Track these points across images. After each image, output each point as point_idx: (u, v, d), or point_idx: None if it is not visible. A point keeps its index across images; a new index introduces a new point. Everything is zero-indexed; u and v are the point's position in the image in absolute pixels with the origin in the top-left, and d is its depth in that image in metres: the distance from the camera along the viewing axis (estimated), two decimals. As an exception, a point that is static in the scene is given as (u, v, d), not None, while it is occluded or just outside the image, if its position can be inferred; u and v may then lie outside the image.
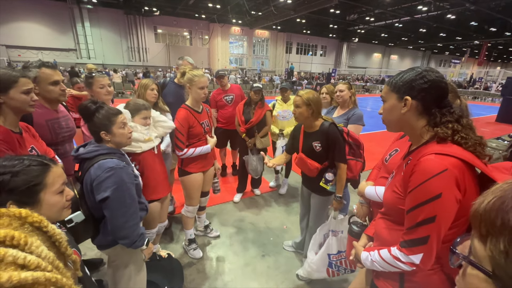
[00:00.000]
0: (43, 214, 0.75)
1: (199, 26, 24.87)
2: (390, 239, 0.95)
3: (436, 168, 0.77)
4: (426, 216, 0.79)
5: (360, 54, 34.90)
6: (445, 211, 0.77)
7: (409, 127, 0.91)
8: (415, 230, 0.82)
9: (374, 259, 0.95)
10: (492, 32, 22.60)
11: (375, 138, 6.32)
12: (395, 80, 0.90)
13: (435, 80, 0.83)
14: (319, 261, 1.80)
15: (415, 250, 0.82)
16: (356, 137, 1.85)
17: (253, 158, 3.00)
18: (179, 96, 2.58)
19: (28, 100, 1.28)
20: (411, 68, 0.89)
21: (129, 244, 1.23)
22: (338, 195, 1.80)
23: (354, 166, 1.79)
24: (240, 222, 2.83)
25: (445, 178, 0.76)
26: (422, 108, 0.86)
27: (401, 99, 0.88)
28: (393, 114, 0.92)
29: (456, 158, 0.77)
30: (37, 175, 0.73)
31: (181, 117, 1.94)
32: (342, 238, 1.75)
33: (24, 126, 1.38)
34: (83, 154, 1.21)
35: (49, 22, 19.41)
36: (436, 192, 0.76)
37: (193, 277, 2.08)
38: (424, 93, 0.84)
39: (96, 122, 1.23)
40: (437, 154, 0.79)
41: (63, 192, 0.81)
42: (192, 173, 2.07)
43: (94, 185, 1.15)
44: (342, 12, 20.42)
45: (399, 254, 0.86)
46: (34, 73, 1.52)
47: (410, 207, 0.83)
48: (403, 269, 0.86)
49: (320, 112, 1.78)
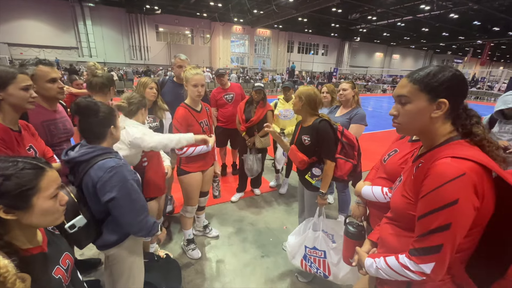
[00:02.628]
0: (36, 219, 0.73)
1: (200, 25, 24.85)
2: (398, 246, 0.90)
3: (453, 172, 0.72)
4: (441, 223, 0.73)
5: (362, 54, 34.77)
6: (461, 219, 0.72)
7: (430, 132, 0.83)
8: (428, 237, 0.76)
9: (380, 267, 0.89)
10: (495, 32, 22.45)
11: (375, 138, 6.28)
12: (427, 79, 0.79)
13: (460, 76, 0.78)
14: (295, 248, 1.85)
15: (426, 259, 0.76)
16: (351, 138, 1.82)
17: (249, 157, 2.97)
18: (178, 95, 2.55)
19: (27, 96, 1.25)
20: (440, 66, 0.80)
21: (146, 234, 1.27)
22: (321, 191, 1.80)
23: (343, 165, 1.77)
24: (240, 222, 2.80)
25: (462, 183, 0.70)
26: (450, 110, 0.79)
27: (433, 102, 0.79)
28: (420, 118, 0.81)
29: (474, 162, 0.71)
30: (31, 179, 0.71)
31: (179, 115, 1.91)
32: (323, 238, 1.75)
33: (23, 124, 1.35)
34: (77, 157, 1.16)
35: (51, 20, 19.46)
36: (453, 198, 0.71)
37: (191, 277, 2.06)
38: (458, 95, 0.79)
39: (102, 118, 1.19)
40: (454, 157, 0.74)
41: (57, 197, 0.78)
42: (191, 172, 2.04)
43: (98, 187, 1.12)
44: (344, 11, 20.35)
45: (408, 263, 0.81)
46: (31, 70, 1.48)
47: (422, 213, 0.78)
48: (412, 278, 0.81)
49: (314, 108, 1.80)
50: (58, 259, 0.84)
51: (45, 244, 0.82)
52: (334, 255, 1.71)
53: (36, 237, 0.79)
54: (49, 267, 0.78)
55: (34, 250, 0.76)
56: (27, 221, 0.72)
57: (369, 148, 5.35)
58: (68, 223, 1.07)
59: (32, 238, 0.77)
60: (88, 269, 2.05)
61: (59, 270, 0.81)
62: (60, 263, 0.83)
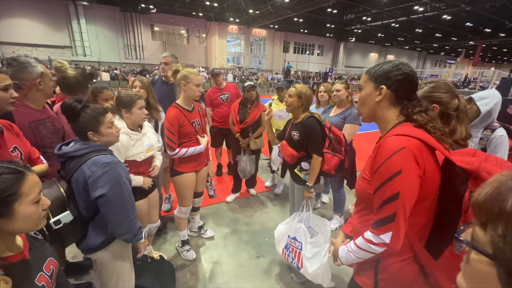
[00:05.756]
0: (17, 226, 0.70)
1: (196, 24, 24.67)
2: (364, 227, 0.95)
3: (395, 146, 0.81)
4: (391, 193, 0.81)
5: (357, 54, 34.99)
6: (407, 186, 0.80)
7: (380, 116, 0.95)
8: (382, 209, 0.84)
9: (350, 249, 0.97)
10: (487, 33, 22.79)
11: (371, 137, 6.33)
12: (374, 69, 0.94)
13: (409, 73, 0.88)
14: (280, 236, 1.97)
15: (384, 229, 0.84)
16: (339, 134, 1.89)
17: (243, 158, 2.96)
18: (166, 94, 2.54)
19: (7, 97, 1.21)
20: (389, 60, 0.94)
21: (131, 239, 1.23)
22: (307, 184, 1.87)
23: (330, 160, 1.83)
24: (235, 223, 2.79)
25: (404, 155, 0.80)
26: (394, 99, 0.91)
27: (377, 88, 0.91)
28: (368, 103, 0.95)
29: (414, 137, 0.81)
30: (11, 184, 0.68)
31: (171, 116, 1.89)
32: (304, 231, 1.82)
33: (6, 124, 1.30)
34: (70, 152, 1.15)
35: (44, 19, 19.08)
36: (397, 169, 0.80)
37: (185, 279, 2.04)
38: (398, 84, 0.88)
39: (82, 122, 1.18)
40: (397, 135, 0.84)
41: (39, 202, 0.75)
42: (184, 173, 2.02)
43: (89, 182, 1.10)
44: (339, 11, 20.43)
45: (371, 236, 0.88)
46: (40, 69, 1.49)
47: (375, 187, 0.86)
48: (376, 251, 0.87)
49: (307, 106, 1.90)
50: (41, 266, 0.80)
51: (26, 250, 0.78)
52: (309, 248, 1.78)
53: (15, 244, 0.76)
54: (31, 274, 0.75)
55: (14, 258, 0.73)
56: (8, 229, 0.69)
57: (364, 147, 5.37)
58: (54, 218, 1.03)
59: (11, 245, 0.74)
60: (80, 272, 2.02)
61: (43, 277, 0.78)
62: (43, 270, 0.80)
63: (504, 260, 0.34)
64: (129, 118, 1.67)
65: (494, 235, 0.36)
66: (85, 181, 1.10)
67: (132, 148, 1.65)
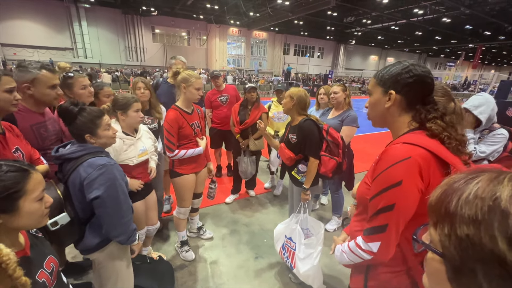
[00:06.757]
0: (22, 222, 0.73)
1: (196, 27, 24.82)
2: (359, 231, 0.94)
3: (399, 155, 0.76)
4: (386, 203, 0.77)
5: (357, 56, 35.10)
6: (405, 199, 0.75)
7: (391, 123, 0.89)
8: (375, 217, 0.80)
9: (344, 250, 0.95)
10: (487, 36, 22.88)
11: (370, 139, 6.34)
12: (382, 73, 0.87)
13: (420, 74, 0.80)
14: (278, 235, 2.00)
15: (374, 238, 0.81)
16: (336, 136, 1.90)
17: (244, 159, 2.98)
18: (173, 96, 2.56)
19: (11, 99, 1.24)
20: (399, 61, 0.86)
21: (125, 241, 1.23)
22: (304, 186, 1.88)
23: (327, 162, 1.84)
24: (234, 224, 2.80)
25: (407, 165, 0.74)
26: (405, 104, 0.84)
27: (385, 93, 0.85)
28: (377, 109, 0.89)
29: (423, 148, 0.75)
30: (17, 182, 0.70)
31: (170, 118, 1.91)
32: (299, 232, 1.84)
33: (7, 125, 1.33)
34: (67, 154, 1.16)
35: (46, 21, 19.22)
36: (397, 180, 0.75)
37: (184, 279, 2.05)
38: (409, 88, 0.81)
39: (79, 125, 1.19)
40: (404, 143, 0.78)
41: (43, 199, 0.78)
42: (183, 174, 2.04)
43: (85, 184, 1.11)
44: (339, 14, 20.55)
45: (361, 242, 0.85)
46: (33, 74, 1.45)
47: (373, 194, 0.82)
48: (364, 257, 0.85)
49: (303, 108, 1.89)
50: (42, 263, 0.83)
51: (27, 247, 0.81)
52: (303, 249, 1.80)
53: (18, 241, 0.78)
54: (32, 271, 0.78)
55: (16, 255, 0.74)
56: (12, 225, 0.71)
57: (363, 149, 5.39)
58: (50, 220, 1.04)
59: (15, 242, 0.76)
60: (79, 272, 2.03)
61: (43, 274, 0.80)
62: (44, 267, 0.82)
63: (450, 257, 0.36)
64: (124, 121, 1.67)
65: (442, 234, 0.38)
66: (81, 183, 1.12)
67: (124, 153, 1.65)
